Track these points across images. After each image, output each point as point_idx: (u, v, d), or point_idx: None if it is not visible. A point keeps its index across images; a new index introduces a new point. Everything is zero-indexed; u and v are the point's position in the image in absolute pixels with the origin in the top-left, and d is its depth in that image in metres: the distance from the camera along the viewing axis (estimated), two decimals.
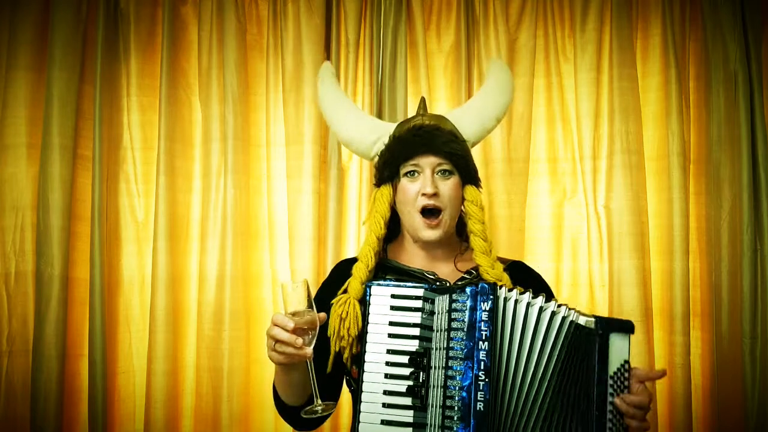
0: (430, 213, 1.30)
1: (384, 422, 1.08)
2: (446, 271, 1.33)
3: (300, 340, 1.08)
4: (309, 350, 1.10)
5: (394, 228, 1.39)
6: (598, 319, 1.11)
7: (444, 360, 1.07)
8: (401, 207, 1.33)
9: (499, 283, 1.21)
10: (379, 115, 2.05)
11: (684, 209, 1.99)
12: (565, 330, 1.09)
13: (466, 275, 1.31)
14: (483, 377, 1.03)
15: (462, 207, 1.34)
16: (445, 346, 1.08)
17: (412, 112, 2.06)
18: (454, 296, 1.09)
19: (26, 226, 2.01)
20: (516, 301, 1.09)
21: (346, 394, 1.41)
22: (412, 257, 1.35)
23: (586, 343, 1.10)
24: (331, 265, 2.00)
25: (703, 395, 2.02)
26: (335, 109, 1.48)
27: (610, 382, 1.09)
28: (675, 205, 1.99)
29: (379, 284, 1.16)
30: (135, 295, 2.08)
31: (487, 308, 1.06)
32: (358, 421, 1.10)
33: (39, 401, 1.91)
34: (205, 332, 2.00)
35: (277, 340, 1.10)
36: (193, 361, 2.05)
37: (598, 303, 2.04)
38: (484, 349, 1.04)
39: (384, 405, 1.09)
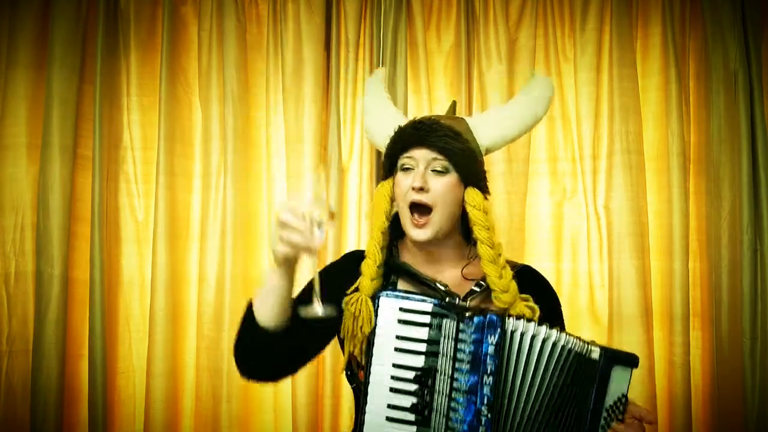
0: (418, 210, 1.25)
1: None
2: (453, 276, 1.29)
3: (308, 225, 1.03)
4: (318, 241, 1.04)
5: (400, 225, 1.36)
6: (603, 351, 1.11)
7: (448, 388, 1.06)
8: (397, 202, 1.30)
9: (507, 299, 1.19)
10: None
11: (684, 209, 1.98)
12: (569, 361, 1.09)
13: (476, 287, 1.27)
14: (486, 412, 1.03)
15: (465, 210, 1.29)
16: (449, 374, 1.06)
17: (411, 111, 2.07)
18: (461, 326, 1.06)
19: (26, 226, 2.01)
20: (522, 334, 1.08)
21: (346, 395, 1.41)
22: (417, 258, 1.32)
23: (587, 373, 1.10)
24: None
25: (703, 395, 2.02)
26: (375, 104, 1.52)
27: (605, 414, 1.09)
28: (675, 205, 1.98)
29: (387, 296, 1.13)
30: (135, 296, 2.08)
31: (494, 342, 1.04)
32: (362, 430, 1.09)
33: (39, 401, 1.91)
34: (205, 333, 2.00)
35: (284, 225, 1.05)
36: (192, 362, 2.05)
37: (598, 303, 2.05)
38: (489, 384, 1.03)
39: (388, 418, 1.08)
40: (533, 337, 1.08)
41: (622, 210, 1.99)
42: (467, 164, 1.28)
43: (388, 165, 1.33)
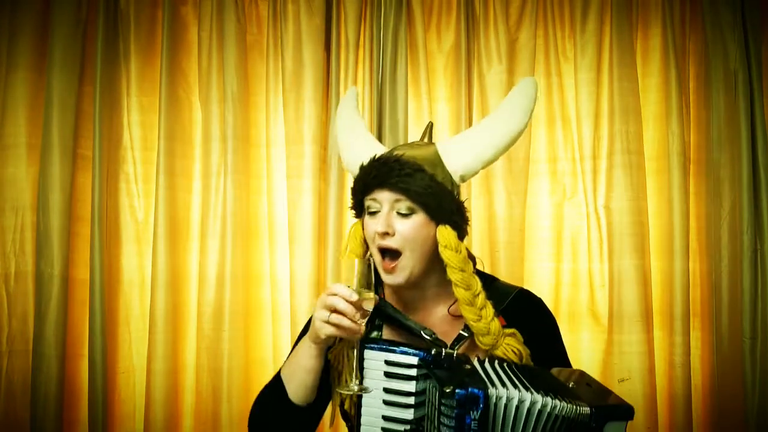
0: (388, 254, 1.18)
1: None
2: (441, 316, 1.24)
3: (358, 315, 1.05)
4: (363, 327, 1.08)
5: None
6: (594, 410, 1.05)
7: None
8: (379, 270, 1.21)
9: (489, 341, 1.15)
10: (380, 117, 2.05)
11: (684, 209, 1.99)
12: (558, 426, 1.03)
13: (463, 332, 1.19)
14: None
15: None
16: None
17: (412, 112, 2.07)
18: (444, 401, 1.02)
19: (26, 226, 2.01)
20: (507, 402, 1.03)
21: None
22: (402, 296, 1.26)
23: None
24: (332, 264, 2.01)
25: (703, 395, 2.01)
26: (346, 133, 1.40)
27: None
28: (675, 205, 1.99)
29: (371, 348, 1.12)
30: (135, 295, 2.08)
31: (476, 417, 1.01)
32: None
33: (39, 401, 1.91)
34: (205, 332, 2.00)
35: (334, 310, 1.05)
36: (192, 361, 2.05)
37: (598, 303, 2.04)
38: None
39: None
40: (518, 405, 1.03)
41: (622, 210, 1.99)
42: (435, 202, 1.17)
43: (356, 207, 1.28)
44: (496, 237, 2.04)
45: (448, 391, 1.02)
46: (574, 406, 1.03)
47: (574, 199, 2.09)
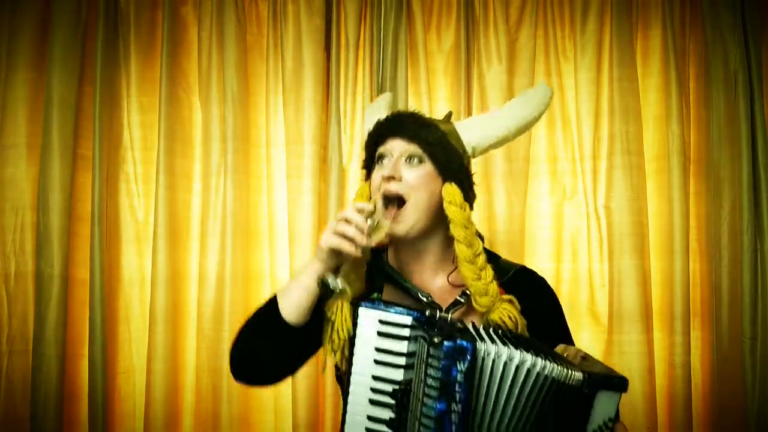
0: (390, 202, 1.18)
1: None
2: (439, 285, 1.24)
3: (366, 227, 1.06)
4: (369, 241, 1.08)
5: None
6: (587, 378, 1.04)
7: (419, 412, 1.02)
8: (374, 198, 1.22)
9: (486, 302, 1.15)
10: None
11: (684, 209, 1.99)
12: (548, 388, 1.02)
13: (460, 297, 1.20)
14: None
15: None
16: (420, 397, 1.02)
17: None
18: (432, 351, 1.01)
19: (26, 226, 2.01)
20: (495, 359, 1.01)
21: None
22: (403, 259, 1.27)
23: (569, 398, 1.04)
24: None
25: (703, 395, 2.01)
26: (372, 112, 1.44)
27: None
28: (675, 205, 1.99)
29: (367, 306, 1.10)
30: (135, 295, 2.08)
31: (464, 369, 0.98)
32: None
33: (39, 401, 1.91)
34: (205, 332, 2.00)
35: (345, 219, 1.07)
36: (192, 361, 2.05)
37: (598, 303, 2.05)
38: (457, 412, 0.98)
39: (367, 429, 1.06)
40: (506, 363, 1.01)
41: (622, 210, 1.99)
42: (444, 156, 1.21)
43: (368, 163, 1.28)
44: (496, 237, 2.04)
45: (436, 341, 1.00)
46: (566, 370, 1.02)
47: (574, 199, 2.09)
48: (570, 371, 1.02)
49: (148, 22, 2.12)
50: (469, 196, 1.24)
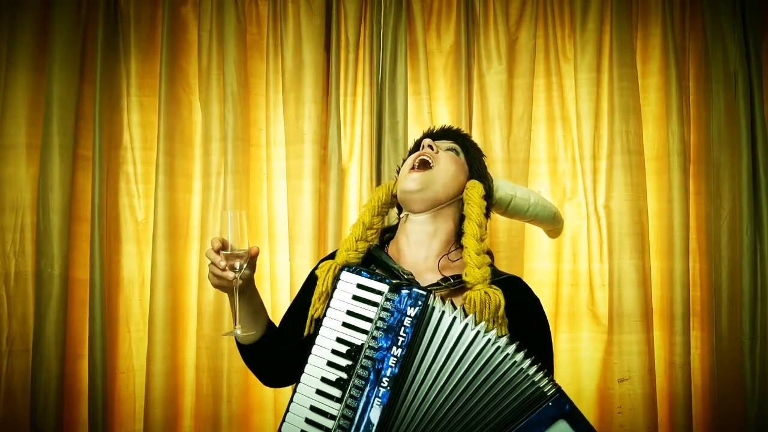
0: (420, 166, 1.29)
1: (313, 408, 1.06)
2: (431, 277, 1.25)
3: (223, 263, 1.14)
4: (230, 275, 1.16)
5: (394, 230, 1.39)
6: (558, 393, 0.98)
7: (362, 355, 1.05)
8: (400, 180, 1.32)
9: (476, 275, 1.16)
10: (379, 116, 2.06)
11: (684, 209, 1.99)
12: (495, 363, 1.01)
13: (441, 281, 1.22)
14: (386, 384, 1.01)
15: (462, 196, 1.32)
16: (369, 345, 1.05)
17: (411, 112, 2.08)
18: (389, 295, 1.06)
19: (26, 226, 2.01)
20: (443, 313, 1.04)
21: None
22: (403, 253, 1.30)
23: (522, 399, 1.00)
24: None
25: (703, 395, 2.02)
26: None
27: None
28: (675, 205, 1.99)
29: (350, 270, 1.15)
30: (135, 295, 2.08)
31: (413, 314, 1.02)
32: (291, 400, 1.08)
33: (39, 401, 1.91)
34: (205, 332, 2.00)
35: (210, 261, 1.16)
36: (192, 361, 2.05)
37: (598, 303, 2.05)
38: (396, 356, 1.01)
39: (317, 391, 1.07)
40: (454, 320, 1.03)
41: (622, 210, 1.99)
42: (476, 157, 1.39)
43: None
44: (496, 237, 2.04)
45: (394, 282, 1.05)
46: (530, 362, 1.01)
47: (574, 199, 2.09)
48: (540, 372, 1.01)
49: (148, 22, 2.12)
50: (487, 202, 1.35)
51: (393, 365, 1.00)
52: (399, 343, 1.01)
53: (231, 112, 2.03)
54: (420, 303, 1.02)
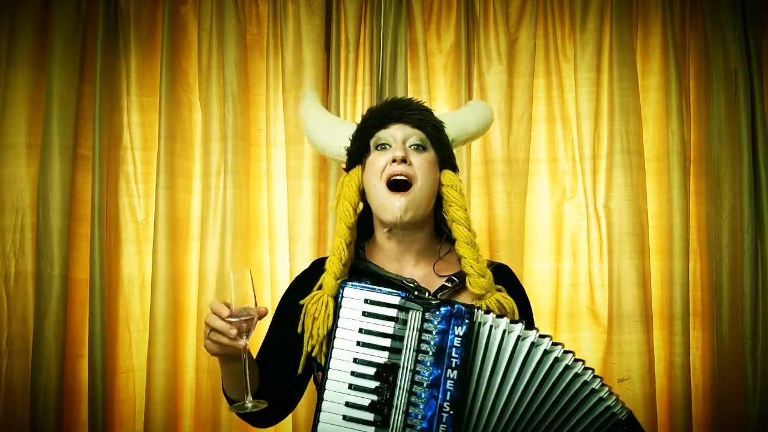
0: (397, 186, 1.17)
1: None
2: (424, 273, 1.23)
3: (234, 331, 1.03)
4: (243, 342, 1.06)
5: (368, 224, 1.31)
6: (629, 417, 1.00)
7: (409, 383, 0.98)
8: (368, 184, 1.21)
9: (483, 284, 1.13)
10: None
11: (684, 209, 1.98)
12: (556, 377, 1.01)
13: (447, 283, 1.19)
14: (448, 408, 0.95)
15: (440, 193, 1.23)
16: (412, 367, 0.99)
17: None
18: (427, 315, 0.99)
19: (26, 226, 2.01)
20: (492, 327, 0.99)
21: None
22: (387, 256, 1.25)
23: (585, 400, 1.02)
24: None
25: (703, 395, 2.01)
26: (314, 121, 1.46)
27: None
28: (675, 205, 1.98)
29: (353, 286, 1.07)
30: (135, 295, 2.08)
31: (461, 333, 0.96)
32: (316, 430, 1.03)
33: (39, 401, 1.91)
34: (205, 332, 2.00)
35: (212, 328, 1.06)
36: (193, 362, 2.05)
37: (598, 303, 2.04)
38: (452, 378, 0.95)
39: (344, 417, 1.01)
40: (505, 333, 0.99)
41: (622, 210, 1.99)
42: (443, 143, 1.26)
43: (356, 150, 1.27)
44: (496, 237, 2.04)
45: (435, 302, 0.98)
46: (600, 382, 1.02)
47: (574, 199, 2.09)
48: (605, 387, 1.03)
49: (148, 21, 2.12)
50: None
51: (451, 388, 0.95)
52: (453, 366, 0.96)
53: (231, 112, 2.03)
54: (466, 321, 0.96)
